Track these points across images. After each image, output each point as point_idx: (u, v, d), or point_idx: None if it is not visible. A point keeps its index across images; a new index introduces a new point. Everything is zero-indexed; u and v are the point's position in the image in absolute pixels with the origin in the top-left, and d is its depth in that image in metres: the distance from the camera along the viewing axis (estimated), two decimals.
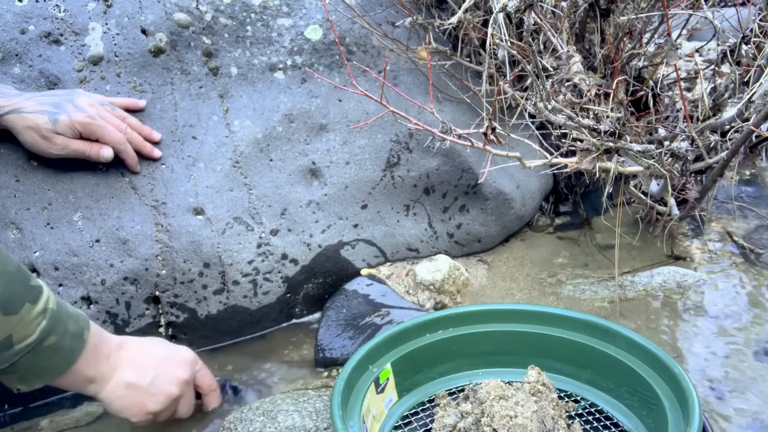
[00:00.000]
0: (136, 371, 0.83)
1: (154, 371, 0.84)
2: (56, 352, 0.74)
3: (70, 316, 0.77)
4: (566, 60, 1.08)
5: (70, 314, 0.77)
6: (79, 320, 0.78)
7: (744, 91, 1.13)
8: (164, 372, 0.85)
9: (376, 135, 1.19)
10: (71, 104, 0.97)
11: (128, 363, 0.83)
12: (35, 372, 0.74)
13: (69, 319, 0.76)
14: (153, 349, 0.87)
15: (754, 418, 0.84)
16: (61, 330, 0.74)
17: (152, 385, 0.83)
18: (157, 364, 0.85)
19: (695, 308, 1.08)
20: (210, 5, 1.16)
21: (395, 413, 0.85)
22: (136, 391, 0.82)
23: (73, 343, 0.76)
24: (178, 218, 1.05)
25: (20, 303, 0.70)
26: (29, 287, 0.72)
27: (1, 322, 0.68)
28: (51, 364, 0.75)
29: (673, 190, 1.21)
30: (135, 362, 0.83)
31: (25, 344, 0.71)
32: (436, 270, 1.14)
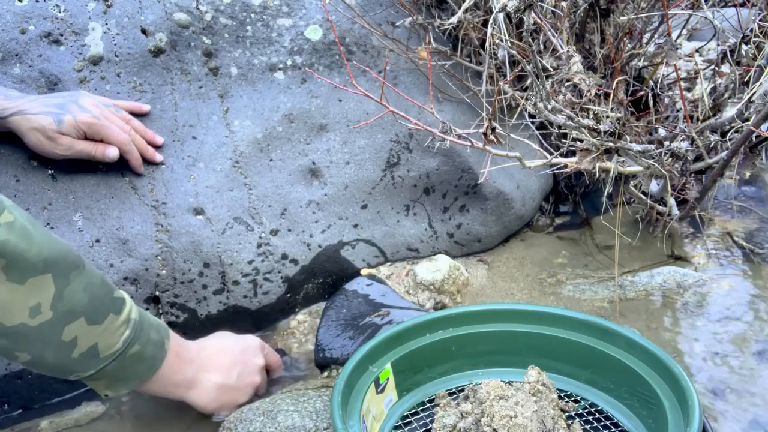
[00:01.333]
0: (222, 372, 0.89)
1: (237, 368, 0.90)
2: (140, 359, 0.79)
3: (152, 326, 0.81)
4: (566, 60, 1.08)
5: (151, 324, 0.81)
6: (160, 329, 0.82)
7: (744, 91, 1.13)
8: (245, 366, 0.91)
9: (376, 135, 1.19)
10: (75, 105, 0.97)
11: (212, 365, 0.88)
12: (121, 378, 0.78)
13: (151, 329, 0.80)
14: (228, 346, 0.92)
15: (754, 418, 0.84)
16: (144, 339, 0.78)
17: (239, 380, 0.90)
18: (237, 360, 0.91)
19: (695, 308, 1.08)
20: (210, 5, 1.16)
21: (395, 413, 0.85)
22: (226, 390, 0.89)
23: (156, 351, 0.81)
24: (178, 218, 1.05)
25: (104, 313, 0.74)
26: (113, 299, 0.76)
27: (86, 332, 0.72)
28: (135, 371, 0.79)
29: (673, 190, 1.21)
30: (218, 363, 0.89)
31: (110, 352, 0.75)
32: (436, 270, 1.14)
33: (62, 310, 0.70)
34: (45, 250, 0.68)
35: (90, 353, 0.73)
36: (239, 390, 0.90)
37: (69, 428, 0.94)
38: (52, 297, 0.69)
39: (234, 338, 0.95)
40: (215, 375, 0.88)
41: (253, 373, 0.92)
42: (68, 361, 0.73)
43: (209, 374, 0.88)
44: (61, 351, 0.72)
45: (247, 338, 0.96)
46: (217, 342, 0.93)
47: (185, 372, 0.85)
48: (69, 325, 0.71)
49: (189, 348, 0.88)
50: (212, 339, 0.94)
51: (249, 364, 0.92)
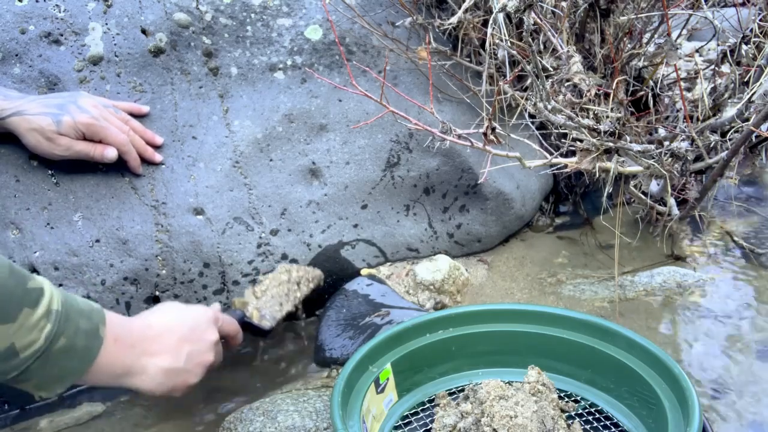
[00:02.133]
0: (169, 354, 0.81)
1: (186, 348, 0.82)
2: (70, 353, 0.71)
3: (81, 314, 0.72)
4: (566, 60, 1.08)
5: (81, 311, 0.73)
6: (93, 315, 0.74)
7: (744, 91, 1.13)
8: (195, 344, 0.83)
9: (376, 135, 1.19)
10: (74, 105, 0.97)
11: (157, 347, 0.80)
12: (52, 377, 0.71)
13: (80, 317, 0.72)
14: (176, 323, 0.84)
15: (754, 418, 0.84)
16: (71, 330, 0.70)
17: (188, 361, 0.82)
18: (186, 338, 0.83)
19: (695, 308, 1.08)
20: (210, 5, 1.16)
21: (395, 413, 0.85)
22: (174, 373, 0.81)
23: (89, 341, 0.72)
24: (178, 218, 1.05)
25: (17, 309, 0.66)
26: (26, 290, 0.68)
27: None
28: (67, 366, 0.71)
29: (673, 190, 1.21)
30: (164, 345, 0.81)
31: (31, 351, 0.67)
32: (436, 270, 1.14)
33: None
34: None
35: (7, 355, 0.66)
36: (189, 372, 0.83)
37: (69, 427, 0.94)
38: None
39: (182, 312, 0.86)
40: (161, 359, 0.80)
41: (205, 352, 0.84)
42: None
43: (154, 358, 0.79)
44: None
45: (197, 310, 0.87)
46: (163, 318, 0.84)
47: (126, 359, 0.77)
48: None
49: (130, 330, 0.79)
50: (157, 314, 0.85)
51: (200, 342, 0.84)
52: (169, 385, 0.81)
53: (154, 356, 0.79)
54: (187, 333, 0.83)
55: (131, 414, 0.96)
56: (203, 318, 0.87)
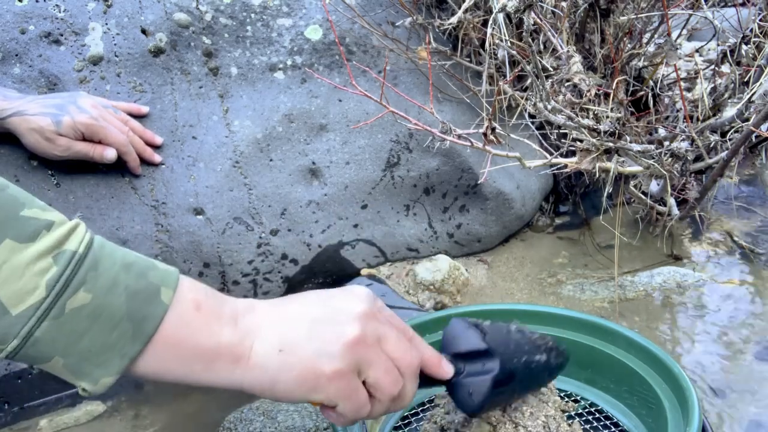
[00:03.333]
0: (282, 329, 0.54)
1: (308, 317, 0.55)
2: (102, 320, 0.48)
3: (128, 267, 0.50)
4: (566, 60, 1.08)
5: (129, 264, 0.51)
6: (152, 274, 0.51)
7: (744, 91, 1.13)
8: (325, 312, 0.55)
9: (376, 135, 1.19)
10: (74, 106, 0.97)
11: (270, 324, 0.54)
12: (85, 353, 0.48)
13: (124, 271, 0.50)
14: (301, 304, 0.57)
15: (754, 418, 0.84)
16: (102, 283, 0.48)
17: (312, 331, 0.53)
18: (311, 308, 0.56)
19: (695, 308, 1.08)
20: (210, 5, 1.16)
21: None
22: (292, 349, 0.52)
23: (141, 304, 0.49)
24: (178, 218, 1.05)
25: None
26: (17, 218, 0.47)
27: None
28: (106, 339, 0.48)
29: (673, 190, 1.21)
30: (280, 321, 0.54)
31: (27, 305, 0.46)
32: (436, 270, 1.14)
33: None
34: None
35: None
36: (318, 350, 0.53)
37: (69, 427, 0.94)
38: None
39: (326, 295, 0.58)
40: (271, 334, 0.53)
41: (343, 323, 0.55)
42: None
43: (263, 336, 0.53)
44: None
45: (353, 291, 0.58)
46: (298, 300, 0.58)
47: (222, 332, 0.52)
48: None
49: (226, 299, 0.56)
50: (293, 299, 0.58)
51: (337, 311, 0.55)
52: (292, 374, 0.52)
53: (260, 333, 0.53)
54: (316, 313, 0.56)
55: (131, 414, 0.96)
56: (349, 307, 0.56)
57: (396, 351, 0.56)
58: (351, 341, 0.53)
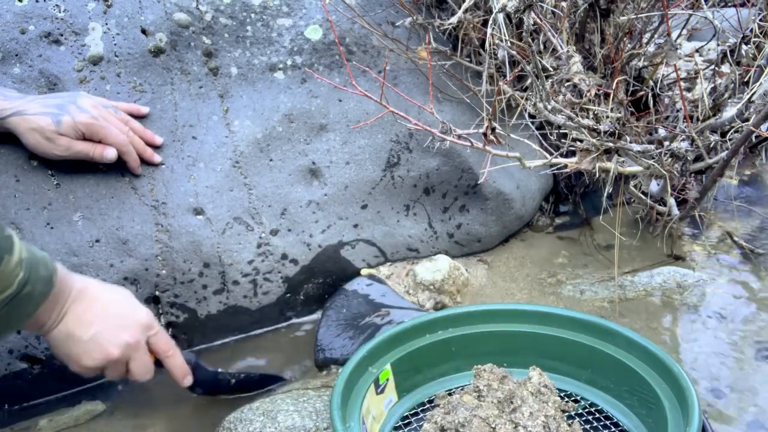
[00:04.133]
0: (80, 325, 0.80)
1: (96, 327, 0.81)
2: (29, 300, 0.73)
3: (39, 262, 0.74)
4: (566, 60, 1.08)
5: (39, 259, 0.74)
6: (48, 264, 0.76)
7: (744, 91, 1.13)
8: (108, 331, 0.81)
9: (376, 135, 1.19)
10: (74, 105, 0.97)
11: (76, 314, 0.80)
12: (8, 321, 0.73)
13: (40, 265, 0.74)
14: (106, 305, 0.83)
15: (754, 418, 0.84)
16: (34, 277, 0.72)
17: (91, 341, 0.80)
18: (104, 321, 0.81)
19: (695, 308, 1.08)
20: (210, 5, 1.16)
21: (395, 414, 0.85)
22: (75, 343, 0.80)
23: (44, 287, 0.74)
24: (178, 218, 1.05)
25: None
26: (4, 237, 0.68)
27: None
28: (22, 312, 0.73)
29: (673, 190, 1.21)
30: (82, 315, 0.80)
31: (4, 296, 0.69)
32: (436, 270, 1.14)
33: None
34: None
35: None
36: (87, 351, 0.81)
37: (68, 427, 0.94)
38: None
39: (122, 303, 0.85)
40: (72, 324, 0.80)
41: (111, 344, 0.81)
42: None
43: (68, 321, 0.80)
44: None
45: (136, 310, 0.85)
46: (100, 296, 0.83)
47: (53, 314, 0.79)
48: None
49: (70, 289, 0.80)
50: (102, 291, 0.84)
51: (112, 332, 0.82)
52: (65, 351, 0.81)
53: (68, 318, 0.80)
54: (108, 317, 0.82)
55: (131, 414, 0.96)
56: (133, 317, 0.85)
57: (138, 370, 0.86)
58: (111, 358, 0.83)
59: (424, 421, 0.79)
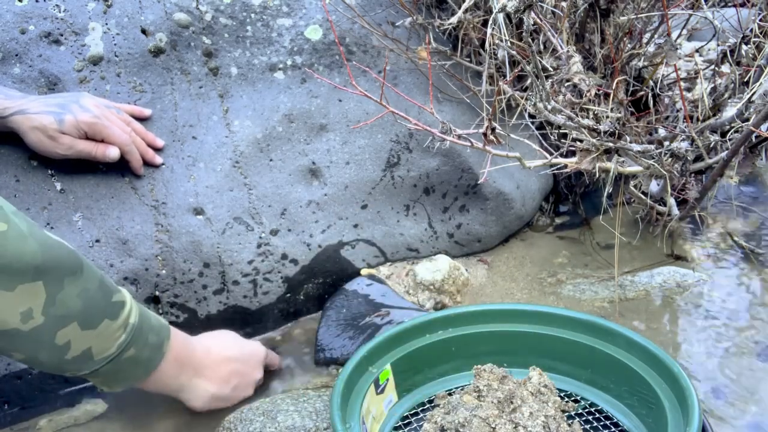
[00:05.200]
0: (219, 383, 0.90)
1: (234, 381, 0.92)
2: (135, 362, 0.80)
3: (152, 329, 0.81)
4: (566, 60, 1.08)
5: (152, 327, 0.81)
6: (161, 331, 0.83)
7: (744, 91, 1.13)
8: (243, 379, 0.93)
9: (376, 135, 1.19)
10: (77, 105, 0.97)
11: (210, 374, 0.89)
12: (116, 379, 0.80)
13: (150, 332, 0.81)
14: (232, 355, 0.93)
15: (754, 418, 0.84)
16: (141, 343, 0.79)
17: (232, 393, 0.92)
18: (237, 372, 0.92)
19: (695, 308, 1.08)
20: (210, 5, 1.16)
21: (395, 414, 0.85)
22: (219, 400, 0.91)
23: (152, 354, 0.81)
24: (178, 218, 1.05)
25: (99, 319, 0.74)
26: (110, 303, 0.76)
27: (80, 336, 0.73)
28: (131, 373, 0.80)
29: (673, 190, 1.21)
30: (217, 373, 0.90)
31: (104, 356, 0.76)
32: (436, 270, 1.14)
33: (55, 315, 0.71)
34: (39, 257, 0.68)
35: (83, 356, 0.75)
36: (229, 399, 0.92)
37: (68, 427, 0.94)
38: (44, 303, 0.70)
39: (239, 346, 0.95)
40: (211, 385, 0.89)
41: (248, 387, 0.94)
42: (62, 362, 0.74)
43: (205, 383, 0.89)
44: (55, 353, 0.73)
45: (252, 347, 0.97)
46: (221, 347, 0.93)
47: (182, 377, 0.87)
48: (62, 329, 0.72)
49: (192, 351, 0.88)
50: (218, 341, 0.94)
51: (247, 377, 0.94)
52: (209, 407, 0.91)
53: (207, 381, 0.89)
54: (239, 367, 0.93)
55: (131, 414, 0.96)
56: (256, 356, 0.96)
57: None
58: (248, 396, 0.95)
59: (424, 421, 0.79)
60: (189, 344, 0.88)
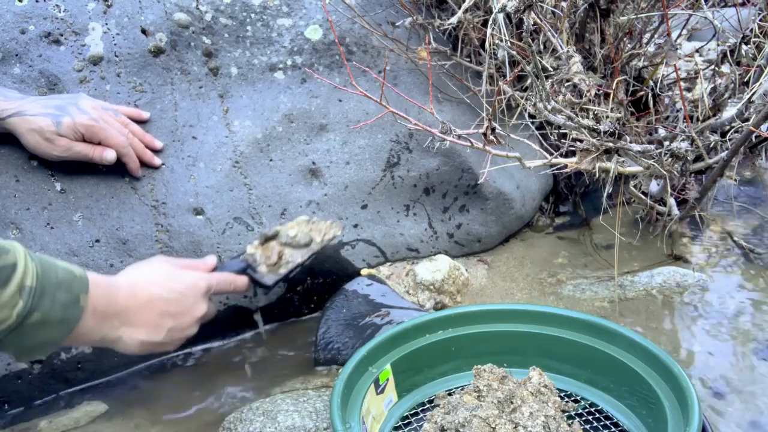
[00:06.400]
0: (147, 330, 0.82)
1: (167, 323, 0.83)
2: (45, 326, 0.71)
3: (60, 286, 0.72)
4: (566, 60, 1.08)
5: (60, 283, 0.72)
6: (73, 285, 0.74)
7: (744, 91, 1.13)
8: (178, 320, 0.84)
9: (376, 135, 1.19)
10: (74, 107, 0.97)
11: (138, 320, 0.81)
12: (28, 347, 0.72)
13: (58, 290, 0.72)
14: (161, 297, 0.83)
15: (754, 418, 0.84)
16: (47, 304, 0.70)
17: (168, 336, 0.83)
18: (169, 315, 0.83)
19: (695, 308, 1.08)
20: (210, 5, 1.16)
21: (395, 414, 0.85)
22: (152, 346, 0.83)
23: (66, 312, 0.72)
24: (178, 218, 1.05)
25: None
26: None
27: None
28: (43, 337, 0.72)
29: (673, 190, 1.21)
30: (145, 320, 0.81)
31: (4, 327, 0.67)
32: (436, 270, 1.14)
33: None
34: None
35: None
36: (167, 344, 0.85)
37: (68, 428, 0.94)
38: None
39: (171, 282, 0.85)
40: (139, 331, 0.81)
41: (188, 327, 0.86)
42: None
43: (133, 330, 0.80)
44: None
45: (188, 281, 0.86)
46: (149, 287, 0.83)
47: (104, 329, 0.78)
48: None
49: (114, 299, 0.79)
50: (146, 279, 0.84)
51: (184, 317, 0.85)
52: (145, 352, 0.84)
53: (134, 328, 0.81)
54: (171, 308, 0.84)
55: (131, 414, 0.96)
56: (192, 291, 0.86)
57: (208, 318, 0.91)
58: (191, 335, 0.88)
59: (424, 421, 0.79)
60: (111, 291, 0.79)
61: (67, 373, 0.99)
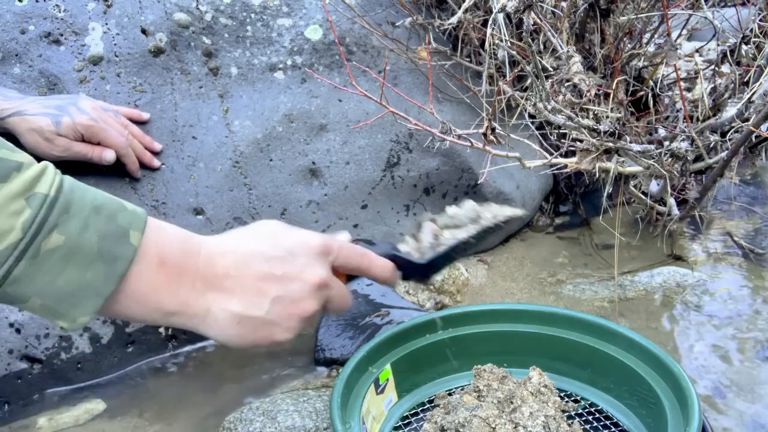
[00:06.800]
0: (244, 299, 0.58)
1: (272, 290, 0.59)
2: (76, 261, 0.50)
3: (98, 209, 0.52)
4: (566, 60, 1.08)
5: (97, 207, 0.52)
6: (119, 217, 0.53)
7: (744, 91, 1.13)
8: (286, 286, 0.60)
9: (376, 135, 1.19)
10: (74, 107, 0.97)
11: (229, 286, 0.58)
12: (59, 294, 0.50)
13: (95, 214, 0.52)
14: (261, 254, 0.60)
15: (754, 418, 0.84)
16: (74, 227, 0.50)
17: (273, 310, 0.59)
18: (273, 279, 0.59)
19: (695, 308, 1.08)
20: (210, 5, 1.16)
21: (395, 414, 0.85)
22: (254, 325, 0.59)
23: (110, 246, 0.51)
24: (178, 218, 1.05)
25: None
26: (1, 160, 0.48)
27: None
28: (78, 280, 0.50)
29: (673, 190, 1.21)
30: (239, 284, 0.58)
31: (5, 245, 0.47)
32: None
33: None
34: None
35: None
36: (275, 325, 0.60)
37: (68, 427, 0.94)
38: None
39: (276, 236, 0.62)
40: (234, 302, 0.58)
41: (301, 299, 0.60)
42: None
43: (223, 299, 0.58)
44: None
45: (295, 236, 0.63)
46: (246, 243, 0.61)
47: (184, 294, 0.56)
48: None
49: (194, 253, 0.58)
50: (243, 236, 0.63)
51: (294, 282, 0.60)
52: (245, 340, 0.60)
53: (224, 294, 0.58)
54: (276, 269, 0.60)
55: (131, 414, 0.96)
56: (303, 249, 0.62)
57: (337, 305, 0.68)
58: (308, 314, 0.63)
59: (424, 421, 0.79)
60: (188, 242, 0.59)
61: (67, 373, 0.99)
